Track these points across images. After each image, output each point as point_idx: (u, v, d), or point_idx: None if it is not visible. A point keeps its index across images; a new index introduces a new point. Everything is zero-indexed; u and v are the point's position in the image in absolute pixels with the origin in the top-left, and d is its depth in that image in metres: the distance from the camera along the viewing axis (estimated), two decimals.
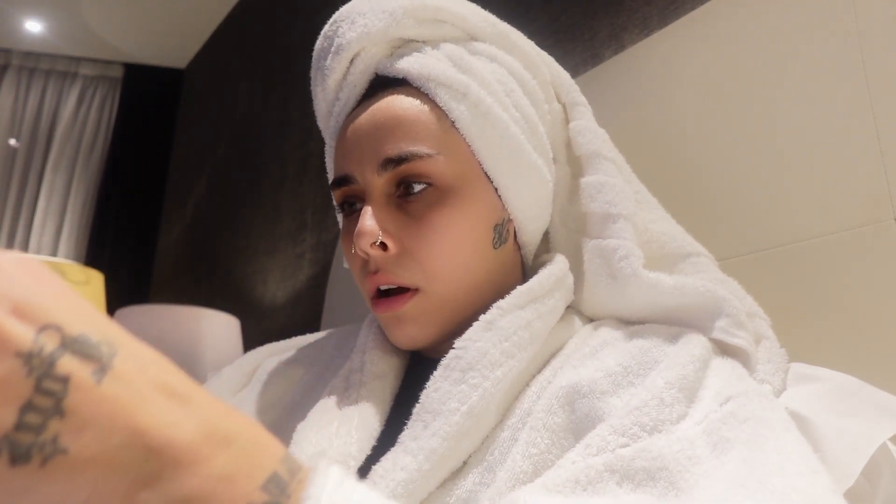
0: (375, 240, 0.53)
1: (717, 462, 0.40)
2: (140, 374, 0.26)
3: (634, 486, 0.39)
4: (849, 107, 0.64)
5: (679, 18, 0.86)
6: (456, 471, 0.48)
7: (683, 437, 0.41)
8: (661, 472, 0.40)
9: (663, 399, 0.44)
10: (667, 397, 0.44)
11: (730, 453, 0.40)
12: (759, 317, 0.58)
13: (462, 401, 0.47)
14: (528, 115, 0.58)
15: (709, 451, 0.41)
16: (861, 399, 0.49)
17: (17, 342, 0.23)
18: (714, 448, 0.41)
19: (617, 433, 0.43)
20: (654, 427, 0.43)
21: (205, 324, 1.67)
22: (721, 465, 0.39)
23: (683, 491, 0.39)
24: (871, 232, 0.61)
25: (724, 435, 0.41)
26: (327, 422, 0.52)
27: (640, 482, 0.40)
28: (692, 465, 0.40)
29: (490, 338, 0.50)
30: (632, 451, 0.41)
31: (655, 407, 0.44)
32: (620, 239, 0.57)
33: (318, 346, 0.70)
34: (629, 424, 0.43)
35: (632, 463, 0.40)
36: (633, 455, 0.41)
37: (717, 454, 0.40)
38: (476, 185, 0.56)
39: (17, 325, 0.24)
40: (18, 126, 3.00)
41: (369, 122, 0.56)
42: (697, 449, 0.41)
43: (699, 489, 0.38)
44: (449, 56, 0.57)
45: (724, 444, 0.41)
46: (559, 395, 0.48)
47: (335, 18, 0.59)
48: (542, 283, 0.55)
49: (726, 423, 0.42)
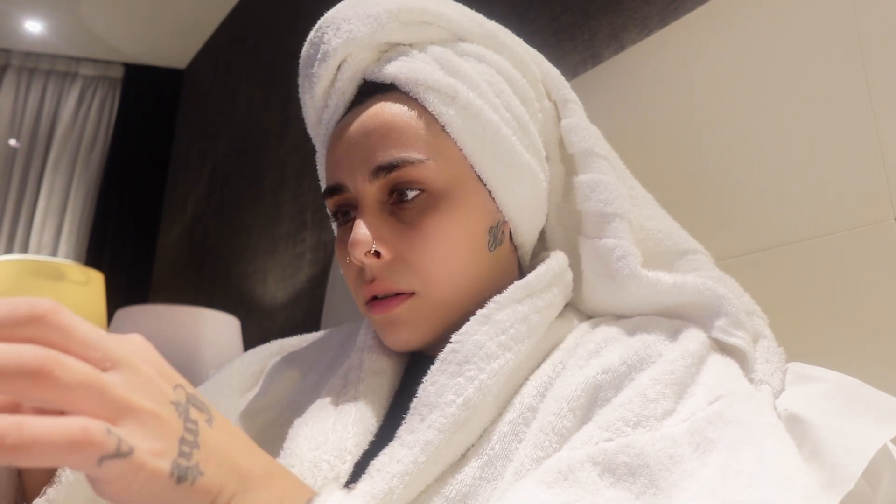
0: (369, 248, 0.53)
1: (698, 463, 0.40)
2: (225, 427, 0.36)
3: (615, 481, 0.40)
4: (849, 107, 0.64)
5: (679, 18, 0.86)
6: (454, 463, 0.48)
7: (667, 435, 0.42)
8: (643, 470, 0.40)
9: (647, 395, 0.44)
10: (650, 393, 0.44)
11: (710, 455, 0.40)
12: (758, 315, 0.58)
13: (458, 393, 0.48)
14: (518, 115, 0.58)
15: (691, 450, 0.41)
16: (861, 400, 0.49)
17: (169, 394, 0.33)
18: (696, 448, 0.41)
19: (601, 428, 0.43)
20: (637, 422, 0.43)
21: (205, 324, 1.67)
22: (700, 467, 0.40)
23: (662, 490, 0.39)
24: (871, 232, 0.61)
25: (707, 436, 0.41)
26: (324, 417, 0.52)
27: (620, 476, 0.40)
28: (673, 465, 0.40)
29: (486, 331, 0.50)
30: (615, 446, 0.41)
31: (639, 403, 0.44)
32: (617, 238, 0.57)
33: (324, 344, 0.70)
34: (613, 420, 0.43)
35: (614, 457, 0.41)
36: (617, 450, 0.41)
37: (699, 455, 0.40)
38: (469, 189, 0.56)
39: (164, 383, 0.33)
40: (18, 126, 3.00)
41: (359, 130, 0.55)
42: (680, 448, 0.41)
43: (678, 489, 0.39)
44: (437, 59, 0.56)
45: (706, 444, 0.41)
46: (569, 398, 0.48)
47: (320, 24, 0.59)
48: (539, 278, 0.55)
49: (711, 422, 0.42)
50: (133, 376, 0.31)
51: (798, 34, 0.70)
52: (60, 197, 2.97)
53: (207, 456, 0.33)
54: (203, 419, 0.34)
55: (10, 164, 2.96)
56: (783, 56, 0.71)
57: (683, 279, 0.55)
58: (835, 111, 0.66)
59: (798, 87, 0.69)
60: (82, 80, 3.12)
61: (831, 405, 0.49)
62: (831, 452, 0.44)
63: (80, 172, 3.01)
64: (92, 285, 2.08)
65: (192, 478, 0.31)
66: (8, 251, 2.85)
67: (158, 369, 0.33)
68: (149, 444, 0.30)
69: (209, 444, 0.33)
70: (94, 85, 3.14)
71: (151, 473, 0.30)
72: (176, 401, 0.32)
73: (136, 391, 0.31)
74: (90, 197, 3.01)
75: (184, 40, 2.99)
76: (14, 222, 2.92)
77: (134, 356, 0.32)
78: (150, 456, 0.30)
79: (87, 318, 1.32)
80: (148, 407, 0.31)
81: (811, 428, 0.46)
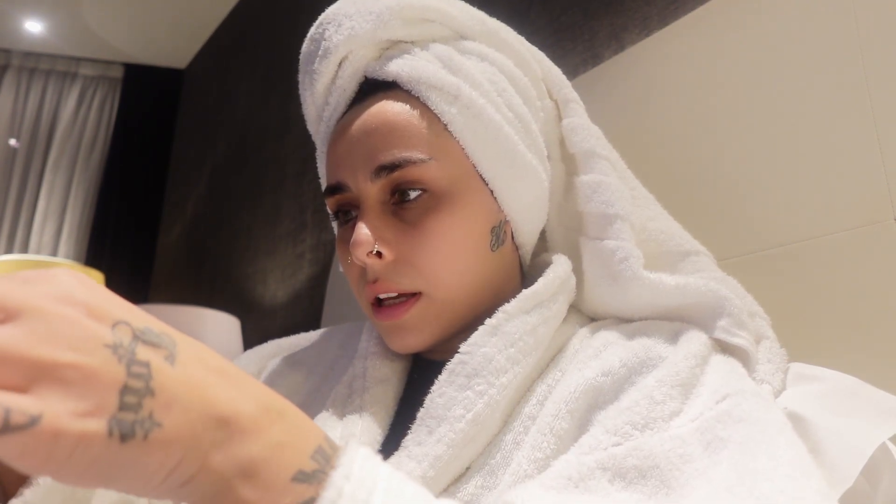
0: (371, 249, 0.53)
1: (710, 461, 0.40)
2: (198, 360, 0.29)
3: (626, 484, 0.40)
4: (849, 107, 0.64)
5: (679, 18, 0.86)
6: (458, 476, 0.48)
7: (676, 436, 0.41)
8: (653, 471, 0.40)
9: (653, 397, 0.44)
10: (657, 395, 0.44)
11: (722, 453, 0.40)
12: (760, 316, 0.58)
13: (467, 408, 0.47)
14: (520, 115, 0.58)
15: (701, 449, 0.41)
16: (861, 399, 0.49)
17: (103, 337, 0.27)
18: (707, 447, 0.41)
19: (609, 433, 0.43)
20: (645, 425, 0.43)
21: (205, 324, 1.67)
22: (713, 465, 0.39)
23: (674, 489, 0.39)
24: (871, 232, 0.61)
25: (717, 434, 0.41)
26: (331, 427, 0.52)
27: (631, 480, 0.40)
28: (683, 464, 0.40)
29: (495, 343, 0.50)
30: (624, 450, 0.41)
31: (646, 405, 0.44)
32: (619, 240, 0.57)
33: (323, 345, 0.70)
34: (621, 424, 0.43)
35: (624, 461, 0.40)
36: (626, 453, 0.41)
37: (710, 453, 0.40)
38: (471, 189, 0.55)
39: (96, 324, 0.27)
40: (18, 126, 3.00)
41: (360, 129, 0.55)
42: (689, 447, 0.41)
43: (690, 488, 0.38)
44: (439, 57, 0.56)
45: (717, 443, 0.41)
46: (567, 399, 0.48)
47: (321, 21, 0.58)
48: (547, 287, 0.55)
49: (721, 421, 0.42)
50: (41, 324, 0.26)
51: (798, 34, 0.70)
52: (60, 197, 2.96)
53: (167, 402, 0.27)
54: (160, 357, 0.28)
55: (10, 164, 2.95)
56: (783, 56, 0.71)
57: (685, 280, 0.55)
58: (835, 111, 0.66)
59: (798, 87, 0.69)
60: (82, 80, 3.12)
61: (831, 404, 0.49)
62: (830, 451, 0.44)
63: (80, 172, 3.01)
64: None
65: (144, 432, 0.26)
66: (8, 251, 2.85)
67: (89, 307, 0.27)
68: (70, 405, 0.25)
69: (169, 386, 0.27)
70: (94, 85, 3.14)
71: (78, 438, 0.25)
72: (115, 343, 0.27)
73: (46, 342, 0.25)
74: (90, 197, 3.00)
75: (184, 40, 2.99)
76: (14, 222, 2.92)
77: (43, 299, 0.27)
78: (71, 419, 0.25)
79: None
80: (64, 359, 0.25)
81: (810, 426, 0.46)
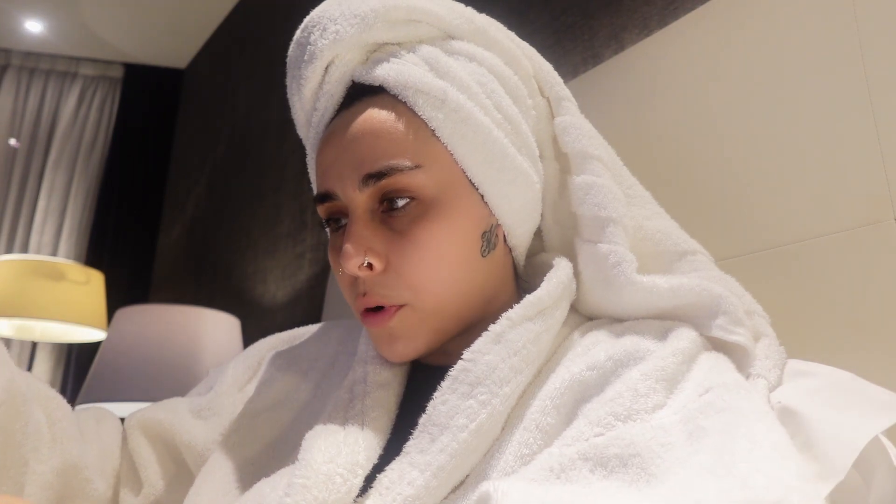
0: (362, 262, 0.53)
1: (691, 449, 0.40)
2: None
3: (607, 473, 0.40)
4: (849, 107, 0.64)
5: (679, 18, 0.86)
6: (458, 484, 0.48)
7: (658, 426, 0.42)
8: (634, 459, 0.40)
9: (637, 389, 0.44)
10: (641, 388, 0.45)
11: (703, 441, 0.40)
12: (759, 314, 0.58)
13: (471, 417, 0.47)
14: (510, 116, 0.57)
15: (683, 438, 0.41)
16: (854, 393, 0.49)
17: None
18: (689, 436, 0.41)
19: (592, 424, 0.43)
20: (627, 416, 0.43)
21: (205, 324, 1.67)
22: (695, 452, 0.40)
23: (655, 476, 0.39)
24: (871, 232, 0.61)
25: (699, 424, 0.41)
26: (334, 431, 0.52)
27: (612, 469, 0.40)
28: (665, 452, 0.40)
29: (499, 351, 0.50)
30: (605, 440, 0.41)
31: (630, 397, 0.44)
32: (612, 244, 0.56)
33: (323, 341, 0.70)
34: (604, 415, 0.43)
35: (605, 450, 0.41)
36: (607, 443, 0.41)
37: (692, 441, 0.41)
38: (460, 195, 0.55)
39: None
40: (18, 126, 3.00)
41: (348, 136, 0.54)
42: (671, 436, 0.41)
43: (671, 474, 0.39)
44: (426, 59, 0.55)
45: (699, 432, 0.41)
46: (552, 395, 0.48)
47: (306, 24, 0.58)
48: (550, 293, 0.54)
49: (703, 412, 0.42)
50: None
51: (798, 34, 0.70)
52: (60, 197, 2.96)
53: None
54: None
55: (10, 164, 2.95)
56: (783, 56, 0.71)
57: (679, 282, 0.54)
58: (835, 111, 0.66)
59: (798, 86, 0.69)
60: (82, 80, 3.12)
61: (824, 398, 0.48)
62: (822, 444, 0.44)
63: (80, 172, 3.01)
64: (92, 285, 2.08)
65: None
66: (8, 251, 2.85)
67: None
68: None
69: None
70: (94, 85, 3.14)
71: None
72: None
73: None
74: (90, 197, 3.00)
75: (184, 40, 2.99)
76: (14, 222, 2.92)
77: None
78: None
79: (86, 318, 1.34)
80: None
81: (803, 420, 0.46)
